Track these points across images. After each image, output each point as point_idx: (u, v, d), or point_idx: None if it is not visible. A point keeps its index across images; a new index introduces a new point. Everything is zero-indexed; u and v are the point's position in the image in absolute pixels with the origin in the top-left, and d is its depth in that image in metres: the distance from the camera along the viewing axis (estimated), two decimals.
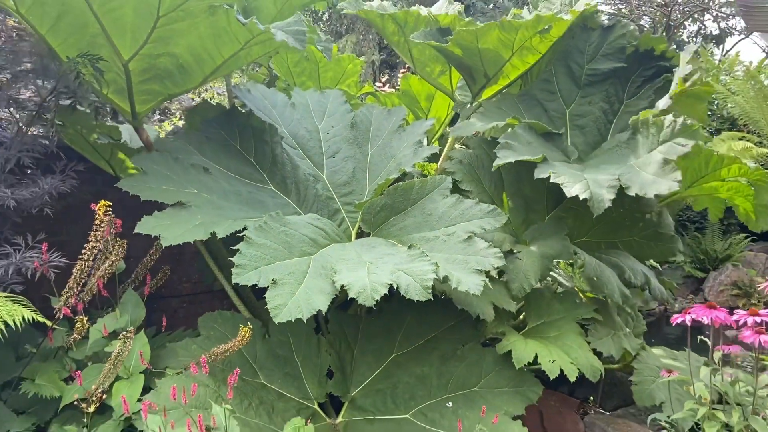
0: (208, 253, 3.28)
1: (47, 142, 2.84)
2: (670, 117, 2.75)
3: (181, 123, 5.95)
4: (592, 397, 4.18)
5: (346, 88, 4.90)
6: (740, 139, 7.83)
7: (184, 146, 2.97)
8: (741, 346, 2.48)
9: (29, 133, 2.92)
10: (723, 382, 2.23)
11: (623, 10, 15.50)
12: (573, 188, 2.55)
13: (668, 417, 2.58)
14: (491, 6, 12.00)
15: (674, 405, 3.00)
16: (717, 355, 2.25)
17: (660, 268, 7.35)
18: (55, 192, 2.66)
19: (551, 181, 2.66)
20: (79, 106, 2.84)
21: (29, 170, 2.85)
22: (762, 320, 2.07)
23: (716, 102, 9.53)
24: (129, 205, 2.76)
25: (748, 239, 8.65)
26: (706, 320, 2.12)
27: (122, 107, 2.88)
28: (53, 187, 2.65)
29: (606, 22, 3.50)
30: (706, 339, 2.34)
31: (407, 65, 4.63)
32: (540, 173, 2.76)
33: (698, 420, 2.20)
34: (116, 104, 2.86)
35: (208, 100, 4.12)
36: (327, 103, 3.61)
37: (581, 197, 2.51)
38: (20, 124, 2.88)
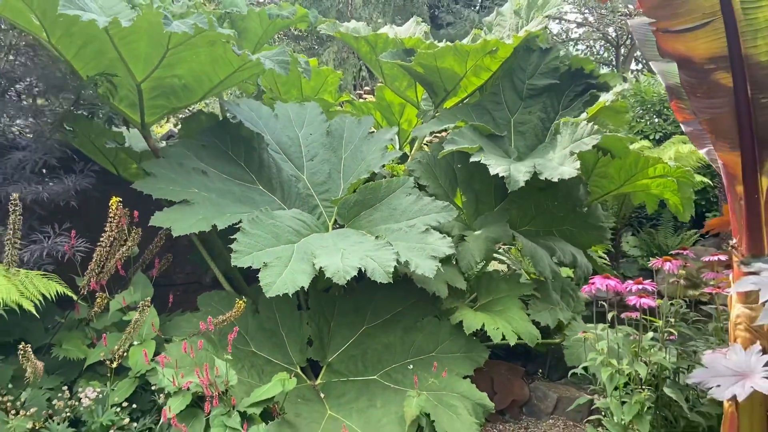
0: (202, 246, 3.82)
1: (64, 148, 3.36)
2: (583, 123, 3.38)
3: (170, 126, 6.45)
4: (540, 370, 4.78)
5: (327, 96, 5.46)
6: (685, 143, 8.52)
7: (185, 152, 3.51)
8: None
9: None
10: (617, 338, 2.83)
11: (590, 19, 16.28)
12: (496, 169, 3.20)
13: (582, 367, 3.16)
14: (459, 18, 12.68)
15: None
16: (610, 315, 2.85)
17: (618, 262, 8.07)
18: (78, 188, 3.17)
19: (481, 162, 3.30)
20: (96, 118, 3.35)
21: (45, 170, 3.36)
22: (643, 287, 2.69)
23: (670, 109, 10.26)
24: (130, 201, 3.28)
25: (698, 235, 9.38)
26: (603, 288, 2.73)
27: (133, 118, 3.41)
28: (77, 183, 3.17)
29: (543, 45, 4.12)
30: (604, 303, 2.94)
31: None
32: (474, 158, 3.38)
33: (601, 369, 2.79)
34: (128, 116, 3.40)
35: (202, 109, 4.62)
36: (305, 113, 4.17)
37: (501, 175, 3.17)
38: (44, 132, 3.39)
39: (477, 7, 13.94)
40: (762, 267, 2.27)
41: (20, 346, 2.50)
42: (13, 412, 2.60)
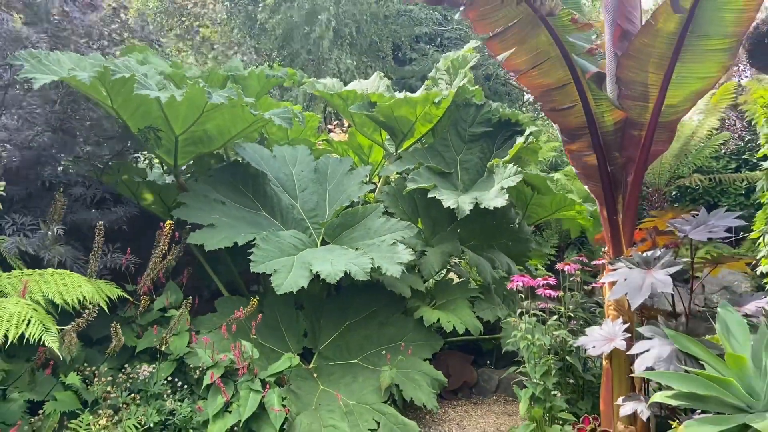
0: (207, 264, 4.78)
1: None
2: (510, 165, 4.55)
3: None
4: (489, 361, 5.87)
5: (310, 135, 6.52)
6: None
7: (207, 187, 4.52)
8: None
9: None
10: (532, 320, 3.94)
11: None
12: (448, 203, 4.32)
13: (509, 344, 4.24)
14: (422, 54, 13.86)
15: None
16: (525, 304, 3.97)
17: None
18: (127, 216, 4.14)
19: (436, 198, 4.41)
20: (141, 163, 4.34)
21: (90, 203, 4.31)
22: (547, 282, 3.82)
23: None
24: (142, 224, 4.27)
25: None
26: (519, 284, 3.85)
27: (168, 162, 4.41)
28: (126, 212, 4.13)
29: (479, 102, 5.33)
30: (521, 293, 4.05)
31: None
32: (430, 194, 4.51)
33: (518, 344, 3.88)
34: (164, 160, 4.39)
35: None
36: (297, 154, 5.24)
37: (452, 207, 4.28)
38: (96, 173, 4.35)
39: (438, 45, 15.19)
40: (619, 264, 3.42)
41: (112, 325, 3.44)
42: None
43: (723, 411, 2.81)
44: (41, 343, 2.91)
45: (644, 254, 3.30)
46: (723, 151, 10.41)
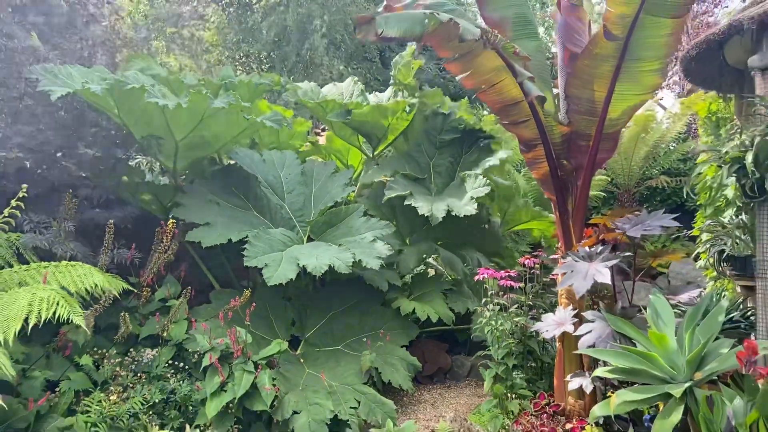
0: (200, 260, 5.21)
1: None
2: (480, 177, 5.04)
3: None
4: (463, 352, 6.34)
5: (298, 140, 6.93)
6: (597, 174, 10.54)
7: (202, 189, 4.95)
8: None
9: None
10: (495, 309, 4.41)
11: None
12: (423, 210, 4.77)
13: (476, 330, 4.73)
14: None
15: None
16: (490, 294, 4.44)
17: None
18: (132, 215, 4.55)
19: (412, 205, 4.87)
20: (144, 167, 4.75)
21: (93, 202, 4.72)
22: (507, 274, 4.31)
23: None
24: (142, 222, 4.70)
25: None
26: (484, 276, 4.33)
27: (168, 166, 4.83)
28: (131, 212, 4.54)
29: (446, 111, 5.83)
30: (487, 287, 4.53)
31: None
32: (407, 201, 4.98)
33: (484, 327, 4.35)
34: (164, 164, 4.81)
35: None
36: (285, 159, 5.68)
37: (426, 214, 4.73)
38: (101, 175, 4.76)
39: (424, 47, 15.79)
40: (568, 258, 3.91)
41: (121, 314, 3.87)
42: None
43: (650, 382, 3.30)
44: (62, 325, 3.32)
45: (589, 249, 3.80)
46: (690, 155, 10.99)
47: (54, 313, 3.07)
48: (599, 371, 3.47)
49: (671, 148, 10.69)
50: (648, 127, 9.14)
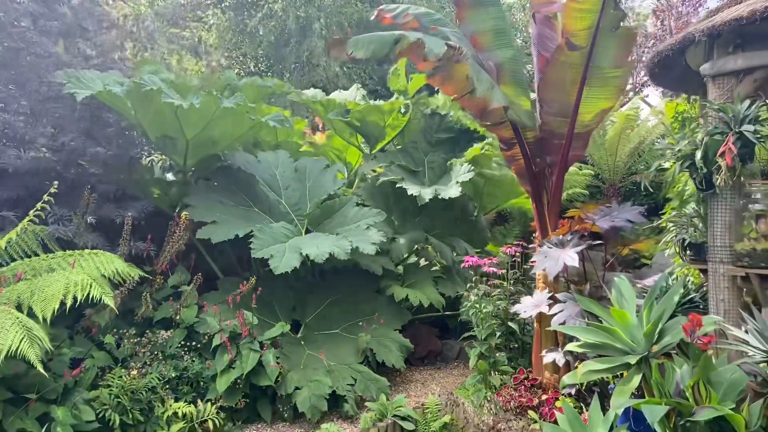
0: (205, 252, 5.61)
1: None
2: (465, 165, 5.45)
3: None
4: (454, 337, 6.76)
5: (296, 138, 7.33)
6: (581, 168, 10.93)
7: (207, 190, 5.37)
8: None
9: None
10: (480, 293, 4.83)
11: None
12: (411, 191, 5.24)
13: (463, 313, 5.14)
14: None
15: None
16: (475, 280, 4.85)
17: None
18: (146, 210, 4.95)
19: (402, 187, 5.29)
20: (155, 164, 5.15)
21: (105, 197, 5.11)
22: (490, 261, 4.72)
23: None
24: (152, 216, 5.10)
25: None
26: (469, 263, 4.74)
27: (179, 162, 5.23)
28: (145, 207, 4.94)
29: (442, 112, 6.23)
30: (471, 272, 4.94)
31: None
32: (398, 185, 5.40)
33: (469, 310, 4.76)
34: (175, 161, 5.20)
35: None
36: (279, 158, 6.10)
37: (414, 195, 5.17)
38: (117, 173, 5.15)
39: None
40: (543, 246, 4.32)
41: (143, 295, 4.27)
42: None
43: (613, 354, 3.72)
44: (83, 309, 3.72)
45: (561, 237, 4.21)
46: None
47: (87, 294, 3.46)
48: (570, 346, 3.87)
49: (656, 144, 11.12)
50: (632, 124, 9.54)
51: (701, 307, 4.29)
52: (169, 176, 6.13)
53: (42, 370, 3.19)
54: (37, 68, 4.72)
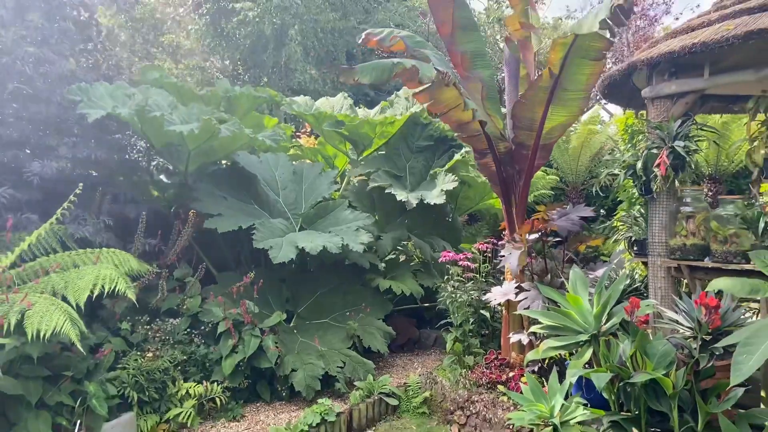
0: (201, 251, 6.11)
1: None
2: (449, 175, 6.08)
3: None
4: (429, 327, 7.38)
5: (284, 142, 7.86)
6: (546, 173, 11.72)
7: (212, 187, 5.86)
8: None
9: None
10: (455, 284, 5.46)
11: None
12: (400, 197, 5.83)
13: (440, 302, 5.77)
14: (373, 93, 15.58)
15: None
16: (452, 272, 5.48)
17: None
18: (152, 211, 5.43)
19: (390, 195, 5.88)
20: (158, 170, 5.63)
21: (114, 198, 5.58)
22: (465, 256, 5.36)
23: None
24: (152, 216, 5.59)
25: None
26: (446, 258, 5.36)
27: (180, 168, 5.71)
28: (151, 208, 5.42)
29: (424, 122, 6.85)
30: (449, 266, 5.57)
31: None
32: (387, 190, 5.99)
33: (446, 300, 5.39)
34: (177, 167, 5.69)
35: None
36: (279, 161, 6.62)
37: (403, 200, 5.76)
38: (124, 177, 5.61)
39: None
40: (511, 243, 4.97)
41: (160, 282, 4.77)
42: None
43: (568, 334, 4.39)
44: (101, 300, 4.20)
45: (524, 235, 4.87)
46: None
47: (114, 287, 3.96)
48: (533, 328, 4.53)
49: (615, 149, 11.97)
50: (593, 132, 10.32)
51: (645, 295, 5.01)
52: (162, 178, 6.60)
53: (81, 349, 3.67)
54: (52, 83, 5.15)
